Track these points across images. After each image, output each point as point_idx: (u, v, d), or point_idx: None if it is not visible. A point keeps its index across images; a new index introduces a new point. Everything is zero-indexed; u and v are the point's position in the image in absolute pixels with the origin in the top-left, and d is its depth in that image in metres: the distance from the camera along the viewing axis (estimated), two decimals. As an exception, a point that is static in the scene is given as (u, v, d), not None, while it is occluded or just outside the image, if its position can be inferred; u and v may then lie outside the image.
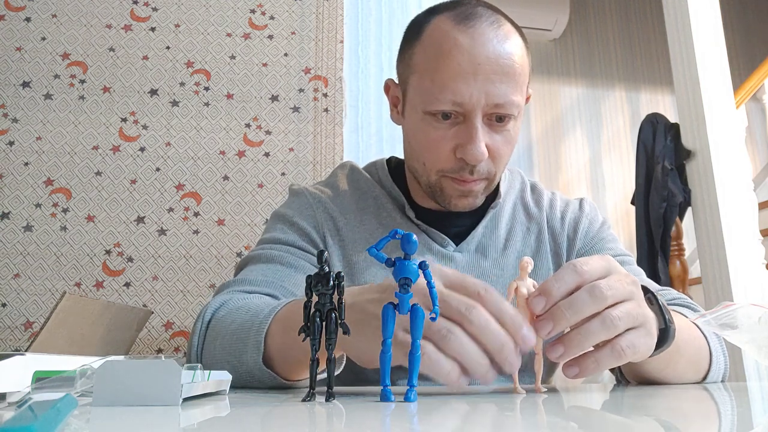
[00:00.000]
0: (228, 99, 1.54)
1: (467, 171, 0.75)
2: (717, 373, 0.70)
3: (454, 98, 0.71)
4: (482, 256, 0.83)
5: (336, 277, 0.42)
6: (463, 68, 0.70)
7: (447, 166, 0.75)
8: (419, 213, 0.84)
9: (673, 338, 0.54)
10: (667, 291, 0.80)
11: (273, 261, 0.79)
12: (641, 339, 0.49)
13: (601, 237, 0.87)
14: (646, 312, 0.50)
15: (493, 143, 0.74)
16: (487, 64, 0.70)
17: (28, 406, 0.26)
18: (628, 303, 0.49)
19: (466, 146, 0.72)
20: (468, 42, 0.71)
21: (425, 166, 0.78)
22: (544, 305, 0.47)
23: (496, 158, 0.75)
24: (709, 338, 0.69)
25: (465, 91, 0.70)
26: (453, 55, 0.71)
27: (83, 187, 1.44)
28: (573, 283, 0.48)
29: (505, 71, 0.71)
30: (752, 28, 4.28)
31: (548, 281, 0.48)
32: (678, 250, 2.59)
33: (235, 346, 0.65)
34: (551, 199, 0.90)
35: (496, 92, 0.71)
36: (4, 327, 1.33)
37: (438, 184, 0.78)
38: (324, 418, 0.33)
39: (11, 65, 1.48)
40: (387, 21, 1.70)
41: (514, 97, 0.72)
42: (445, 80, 0.71)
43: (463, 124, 0.73)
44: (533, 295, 0.48)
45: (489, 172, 0.76)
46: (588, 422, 0.34)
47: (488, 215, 0.85)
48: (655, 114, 2.64)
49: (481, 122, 0.72)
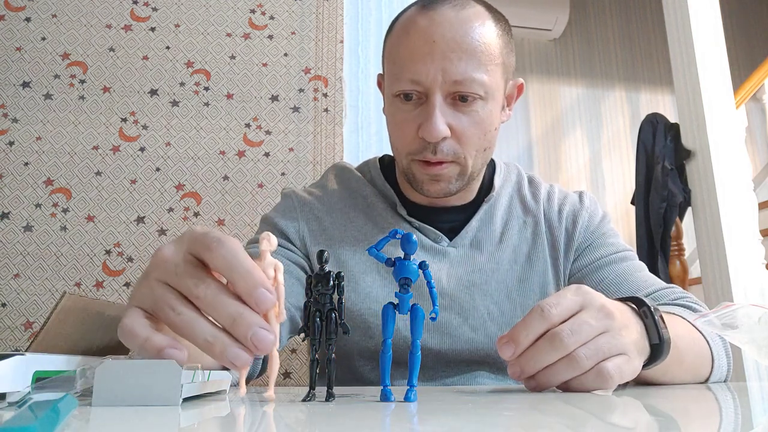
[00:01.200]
0: (228, 99, 1.54)
1: (429, 151, 0.74)
2: (719, 375, 0.70)
3: (411, 76, 0.72)
4: (477, 250, 0.82)
5: (336, 277, 0.42)
6: (419, 47, 0.71)
7: (412, 148, 0.76)
8: (411, 210, 0.84)
9: (667, 352, 0.54)
10: (671, 290, 0.79)
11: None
12: (624, 366, 0.49)
13: (602, 232, 0.86)
14: (623, 341, 0.50)
15: (457, 123, 0.73)
16: (443, 42, 0.71)
17: (28, 406, 0.26)
18: (599, 338, 0.49)
19: (424, 124, 0.72)
20: (426, 23, 0.72)
21: (398, 150, 0.79)
22: (513, 353, 0.48)
23: (461, 139, 0.74)
24: (711, 341, 0.68)
25: (421, 69, 0.71)
26: (410, 36, 0.73)
27: (83, 187, 1.44)
28: (541, 329, 0.48)
29: (463, 48, 0.71)
30: (752, 28, 4.28)
31: (517, 327, 0.49)
32: (678, 250, 2.59)
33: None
34: (549, 191, 0.89)
35: (453, 69, 0.70)
36: (4, 327, 1.33)
37: (409, 169, 0.78)
38: (324, 418, 0.33)
39: (11, 65, 1.48)
40: (387, 21, 1.69)
41: (476, 75, 0.71)
42: (404, 60, 0.73)
43: (425, 104, 0.73)
44: (503, 341, 0.49)
45: (456, 154, 0.75)
46: (588, 422, 0.34)
47: (482, 209, 0.84)
48: (655, 114, 2.65)
49: (440, 101, 0.72)
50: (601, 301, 0.51)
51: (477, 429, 0.28)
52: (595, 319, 0.49)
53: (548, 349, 0.48)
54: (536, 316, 0.48)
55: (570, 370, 0.48)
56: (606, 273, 0.81)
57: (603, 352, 0.48)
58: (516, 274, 0.82)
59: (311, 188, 0.90)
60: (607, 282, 0.80)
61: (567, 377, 0.48)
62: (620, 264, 0.82)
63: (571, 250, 0.84)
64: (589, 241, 0.85)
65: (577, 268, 0.84)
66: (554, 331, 0.48)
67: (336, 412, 0.35)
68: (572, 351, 0.47)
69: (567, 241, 0.84)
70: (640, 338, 0.53)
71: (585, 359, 0.47)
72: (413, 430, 0.29)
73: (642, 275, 0.82)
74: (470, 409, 0.37)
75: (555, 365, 0.48)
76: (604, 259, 0.83)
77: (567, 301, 0.49)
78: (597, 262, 0.83)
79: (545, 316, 0.48)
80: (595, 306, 0.50)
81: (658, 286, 0.80)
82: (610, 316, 0.50)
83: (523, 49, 3.91)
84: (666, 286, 0.80)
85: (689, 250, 2.92)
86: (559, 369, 0.48)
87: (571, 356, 0.47)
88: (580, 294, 0.51)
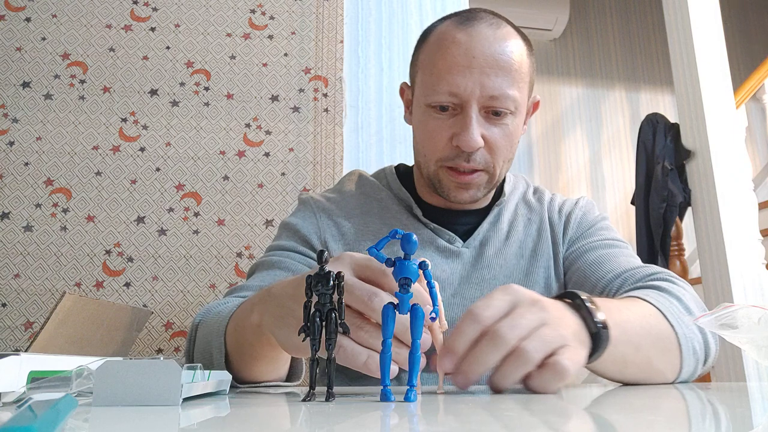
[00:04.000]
0: (228, 99, 1.54)
1: (463, 159, 0.78)
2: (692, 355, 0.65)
3: (450, 89, 0.75)
4: (485, 247, 0.85)
5: (336, 277, 0.42)
6: (459, 61, 0.75)
7: (444, 155, 0.79)
8: (427, 211, 0.87)
9: (607, 339, 0.54)
10: (646, 268, 0.78)
11: (273, 267, 0.83)
12: (574, 357, 0.48)
13: (595, 225, 0.88)
14: (563, 332, 0.49)
15: (490, 135, 0.77)
16: (482, 57, 0.74)
17: (28, 406, 0.26)
18: (541, 330, 0.48)
19: (461, 134, 0.76)
20: (465, 38, 0.76)
21: (426, 157, 0.82)
22: (453, 364, 0.47)
23: (493, 150, 0.78)
24: (676, 321, 0.64)
25: (461, 82, 0.74)
26: (450, 50, 0.76)
27: (83, 187, 1.44)
28: (476, 333, 0.47)
29: (500, 65, 0.75)
30: (752, 28, 4.28)
31: (451, 337, 0.48)
32: (678, 250, 2.59)
33: (207, 349, 0.70)
34: (552, 197, 0.94)
35: (491, 84, 0.74)
36: (4, 327, 1.33)
37: (437, 175, 0.81)
38: (324, 418, 0.33)
39: (11, 65, 1.48)
40: (387, 21, 1.69)
41: (510, 91, 0.75)
42: (442, 72, 0.76)
43: (460, 114, 0.76)
44: (441, 354, 0.47)
45: (486, 163, 0.79)
46: (588, 422, 0.34)
47: (493, 212, 0.88)
48: (655, 114, 2.65)
49: (476, 113, 0.75)
50: (532, 296, 0.51)
51: (477, 429, 0.28)
52: (530, 313, 0.48)
53: (490, 349, 0.46)
54: (468, 320, 0.48)
55: (520, 365, 0.46)
56: (587, 257, 0.83)
57: (548, 343, 0.47)
58: (522, 268, 0.85)
59: (328, 193, 0.93)
60: (588, 264, 0.81)
61: (519, 374, 0.47)
62: (606, 249, 0.83)
63: (566, 243, 0.88)
64: (579, 234, 0.88)
65: (566, 257, 0.86)
66: (493, 329, 0.47)
67: (336, 412, 0.35)
68: (517, 345, 0.46)
69: (563, 236, 0.88)
70: (579, 329, 0.52)
71: (533, 351, 0.46)
72: (413, 430, 0.29)
73: (626, 258, 0.81)
74: (470, 409, 0.37)
75: (504, 364, 0.47)
76: (590, 245, 0.84)
77: (497, 302, 0.49)
78: (583, 247, 0.85)
79: (477, 318, 0.47)
80: (527, 301, 0.50)
81: (634, 264, 0.79)
82: (544, 309, 0.49)
83: (523, 49, 3.90)
84: (642, 265, 0.79)
85: (689, 250, 2.91)
86: (509, 367, 0.46)
87: (518, 350, 0.46)
88: (509, 293, 0.50)
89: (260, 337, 0.59)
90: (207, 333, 0.70)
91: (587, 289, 0.78)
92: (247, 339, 0.62)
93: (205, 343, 0.70)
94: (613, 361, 0.57)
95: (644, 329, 0.61)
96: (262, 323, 0.57)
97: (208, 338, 0.69)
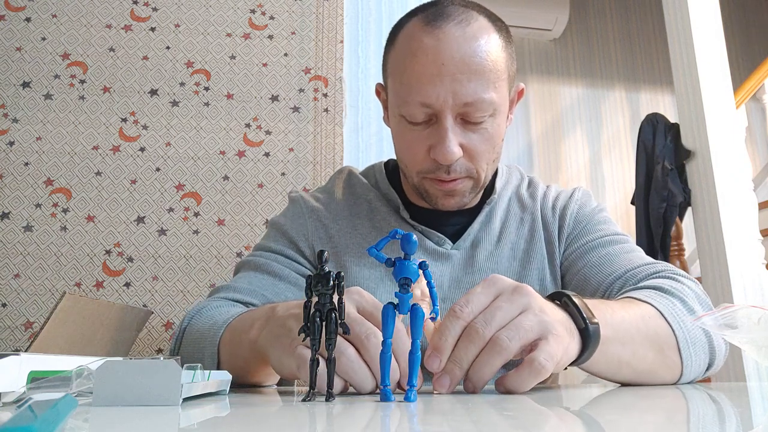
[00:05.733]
0: (228, 99, 1.54)
1: (443, 171, 0.74)
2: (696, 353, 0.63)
3: (421, 99, 0.70)
4: (477, 251, 0.82)
5: (336, 277, 0.42)
6: (428, 69, 0.70)
7: (424, 167, 0.75)
8: (414, 213, 0.84)
9: (597, 336, 0.52)
10: (651, 266, 0.75)
11: (260, 269, 0.81)
12: (555, 346, 0.47)
13: (592, 219, 0.85)
14: (546, 318, 0.48)
15: (468, 142, 0.73)
16: (452, 63, 0.69)
17: (28, 406, 0.26)
18: (519, 318, 0.47)
19: (437, 147, 0.72)
20: (432, 43, 0.70)
21: (407, 167, 0.79)
22: (440, 363, 0.47)
23: (473, 156, 0.74)
24: (674, 322, 0.62)
25: (431, 92, 0.70)
26: (418, 57, 0.71)
27: (83, 187, 1.44)
28: (457, 330, 0.47)
29: (472, 69, 0.69)
30: (752, 28, 4.28)
31: (434, 336, 0.48)
32: (678, 250, 2.59)
33: (195, 355, 0.69)
34: (545, 191, 0.89)
35: (463, 91, 0.69)
36: (4, 327, 1.33)
37: (421, 186, 0.78)
38: (324, 418, 0.33)
39: (11, 65, 1.48)
40: (387, 21, 1.69)
41: (485, 95, 0.70)
42: (411, 82, 0.71)
43: (435, 124, 0.72)
44: (427, 355, 0.47)
45: (469, 170, 0.75)
46: (588, 422, 0.34)
47: (483, 211, 0.85)
48: (655, 114, 2.65)
49: (451, 122, 0.71)
50: (514, 284, 0.50)
51: (477, 429, 0.28)
52: (509, 302, 0.48)
53: (466, 345, 0.46)
54: (449, 319, 0.47)
55: (495, 355, 0.46)
56: (590, 257, 0.79)
57: (525, 330, 0.46)
58: (515, 270, 0.82)
59: (318, 193, 0.90)
60: (589, 266, 0.78)
61: (496, 365, 0.46)
62: (606, 247, 0.80)
63: (563, 241, 0.84)
64: (579, 228, 0.84)
65: (565, 256, 0.83)
66: (469, 325, 0.47)
67: (336, 412, 0.35)
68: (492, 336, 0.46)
69: (559, 233, 0.84)
70: (565, 319, 0.51)
71: (507, 341, 0.45)
72: (413, 430, 0.29)
73: (627, 256, 0.78)
74: (470, 409, 0.37)
75: (479, 356, 0.46)
76: (590, 244, 0.81)
77: (477, 296, 0.49)
78: (583, 247, 0.81)
79: (458, 315, 0.47)
80: (508, 290, 0.49)
81: (638, 263, 0.76)
82: (526, 295, 0.49)
83: (523, 49, 3.91)
84: (643, 263, 0.76)
85: (689, 250, 2.91)
86: (484, 358, 0.46)
87: (492, 340, 0.46)
88: (488, 284, 0.50)
89: (255, 354, 0.58)
90: (198, 338, 0.69)
91: (589, 293, 0.76)
92: (242, 353, 0.62)
93: (195, 347, 0.69)
94: (607, 361, 0.57)
95: (640, 330, 0.60)
96: (258, 339, 0.56)
97: (200, 343, 0.68)
